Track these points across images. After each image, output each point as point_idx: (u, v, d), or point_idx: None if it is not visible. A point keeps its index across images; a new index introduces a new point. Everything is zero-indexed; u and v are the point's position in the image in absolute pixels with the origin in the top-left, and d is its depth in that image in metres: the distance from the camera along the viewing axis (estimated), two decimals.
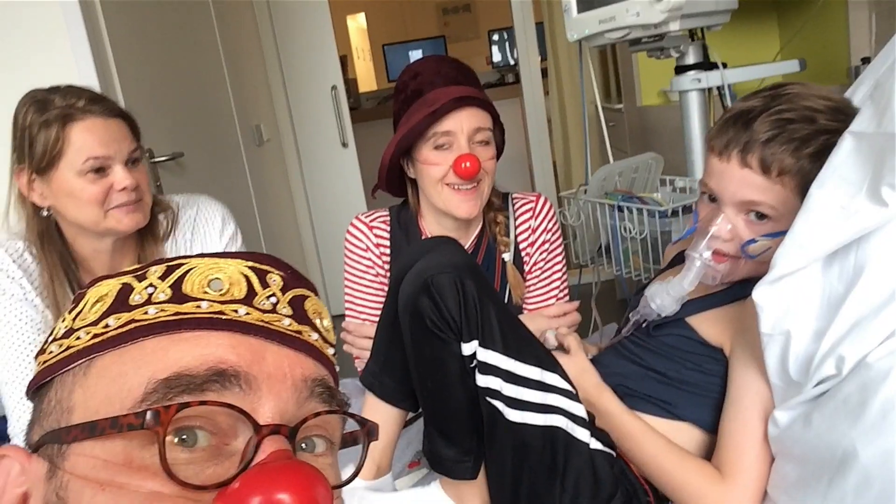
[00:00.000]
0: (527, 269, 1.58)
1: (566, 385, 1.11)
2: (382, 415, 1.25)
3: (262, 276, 0.51)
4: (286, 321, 0.50)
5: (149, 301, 0.47)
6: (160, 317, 0.46)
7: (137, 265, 0.52)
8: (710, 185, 1.07)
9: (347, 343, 1.58)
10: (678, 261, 1.30)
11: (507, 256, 1.55)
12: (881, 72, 1.00)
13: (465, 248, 1.39)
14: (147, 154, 1.88)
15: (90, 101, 1.28)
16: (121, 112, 1.34)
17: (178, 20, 2.39)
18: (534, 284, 1.58)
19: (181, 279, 0.49)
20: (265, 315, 0.49)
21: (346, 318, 1.61)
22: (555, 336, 1.33)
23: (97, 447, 0.43)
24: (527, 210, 1.57)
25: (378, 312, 1.31)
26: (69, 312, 0.50)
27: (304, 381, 0.48)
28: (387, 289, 1.29)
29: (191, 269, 0.49)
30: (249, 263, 0.51)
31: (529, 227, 1.56)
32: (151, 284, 0.48)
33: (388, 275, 1.57)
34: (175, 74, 2.29)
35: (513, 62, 5.77)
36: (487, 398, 1.08)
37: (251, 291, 0.50)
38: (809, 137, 0.98)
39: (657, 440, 1.13)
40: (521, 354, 1.09)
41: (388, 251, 1.57)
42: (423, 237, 1.55)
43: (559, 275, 1.58)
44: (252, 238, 2.53)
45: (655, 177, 1.89)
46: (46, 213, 1.33)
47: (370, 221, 1.58)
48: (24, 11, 1.76)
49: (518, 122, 4.13)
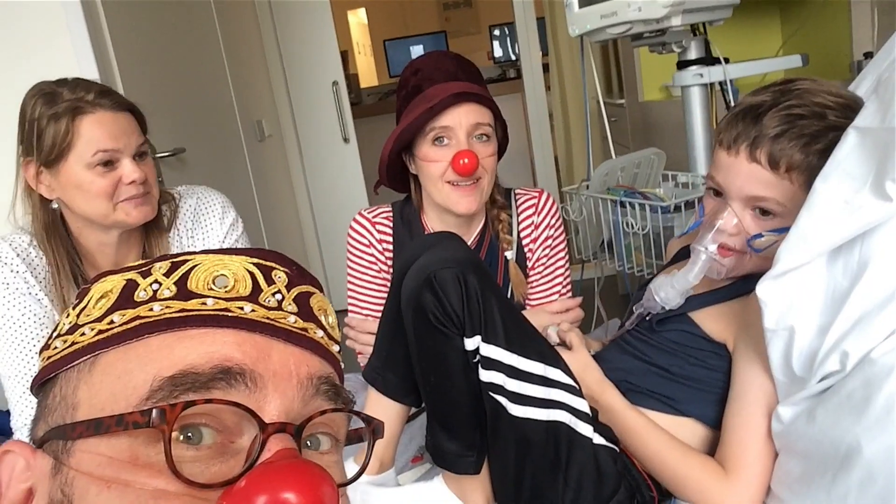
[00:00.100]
0: (529, 265, 1.57)
1: (569, 380, 1.11)
2: (385, 410, 1.25)
3: (268, 273, 0.51)
4: (291, 318, 0.50)
5: (154, 298, 0.47)
6: (165, 314, 0.46)
7: (142, 261, 0.52)
8: (718, 180, 1.07)
9: (350, 338, 1.58)
10: (682, 256, 1.30)
11: (510, 255, 1.55)
12: (884, 67, 1.00)
13: (468, 245, 1.39)
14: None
15: (100, 95, 1.28)
16: (129, 106, 1.34)
17: (180, 16, 2.39)
18: (536, 280, 1.58)
19: (186, 276, 0.49)
20: (271, 312, 0.49)
21: (349, 314, 1.61)
22: (557, 332, 1.33)
23: (102, 444, 0.42)
24: (530, 206, 1.57)
25: (381, 308, 1.31)
26: (73, 308, 0.50)
27: (310, 379, 0.48)
28: (389, 284, 1.29)
29: (196, 266, 0.49)
30: (254, 260, 0.51)
31: (532, 223, 1.56)
32: (156, 281, 0.48)
33: (391, 270, 1.57)
34: (176, 70, 2.29)
35: (514, 57, 5.76)
36: (490, 393, 1.08)
37: (256, 288, 0.50)
38: (819, 134, 0.97)
39: (660, 436, 1.13)
40: (524, 349, 1.09)
41: (391, 247, 1.57)
42: (426, 233, 1.55)
43: (562, 271, 1.58)
44: (254, 233, 2.53)
45: (657, 172, 1.89)
46: (54, 206, 1.33)
47: (373, 217, 1.58)
48: (26, 7, 1.75)
49: (520, 118, 4.12)
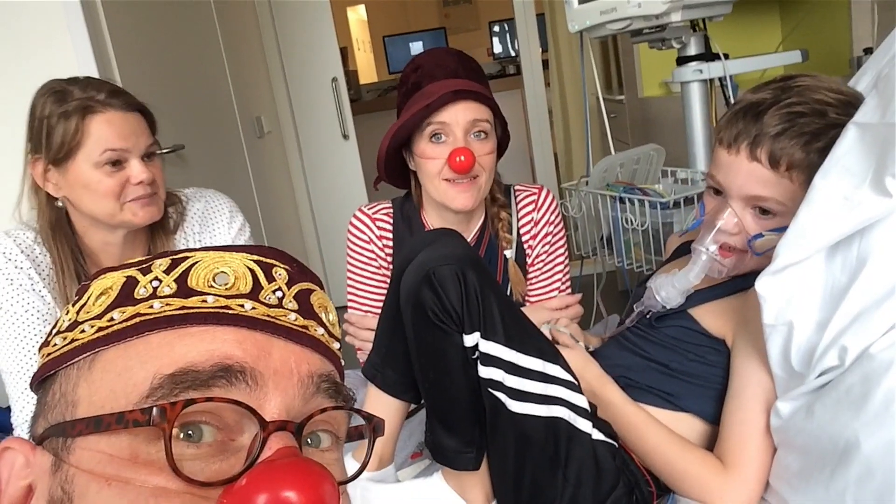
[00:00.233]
0: (529, 262, 1.57)
1: (568, 376, 1.11)
2: (384, 406, 1.25)
3: (268, 270, 0.51)
4: (292, 316, 0.50)
5: (154, 295, 0.47)
6: (165, 311, 0.46)
7: (141, 258, 0.51)
8: (718, 178, 1.06)
9: (350, 335, 1.58)
10: (681, 252, 1.30)
11: (510, 253, 1.54)
12: (884, 62, 0.99)
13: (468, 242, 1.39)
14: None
15: (110, 94, 1.28)
16: (140, 106, 1.34)
17: (179, 13, 2.38)
18: (536, 277, 1.58)
19: (186, 273, 0.49)
20: (271, 310, 0.49)
21: (349, 310, 1.61)
22: (555, 329, 1.33)
23: (102, 442, 0.42)
24: (529, 202, 1.57)
25: (380, 304, 1.31)
26: (73, 305, 0.50)
27: (311, 377, 0.48)
28: (389, 281, 1.29)
29: (196, 263, 0.49)
30: (255, 257, 0.51)
31: (532, 220, 1.56)
32: (156, 278, 0.48)
33: (391, 267, 1.57)
34: (175, 67, 2.29)
35: (514, 53, 5.75)
36: (489, 389, 1.08)
37: (257, 285, 0.49)
38: (820, 132, 0.97)
39: (659, 431, 1.13)
40: (523, 346, 1.09)
41: (391, 243, 1.57)
42: (426, 229, 1.54)
43: (561, 267, 1.58)
44: (254, 230, 2.51)
45: (657, 168, 1.89)
46: (60, 204, 1.33)
47: (373, 213, 1.58)
48: (26, 7, 1.75)
49: (519, 114, 4.12)
